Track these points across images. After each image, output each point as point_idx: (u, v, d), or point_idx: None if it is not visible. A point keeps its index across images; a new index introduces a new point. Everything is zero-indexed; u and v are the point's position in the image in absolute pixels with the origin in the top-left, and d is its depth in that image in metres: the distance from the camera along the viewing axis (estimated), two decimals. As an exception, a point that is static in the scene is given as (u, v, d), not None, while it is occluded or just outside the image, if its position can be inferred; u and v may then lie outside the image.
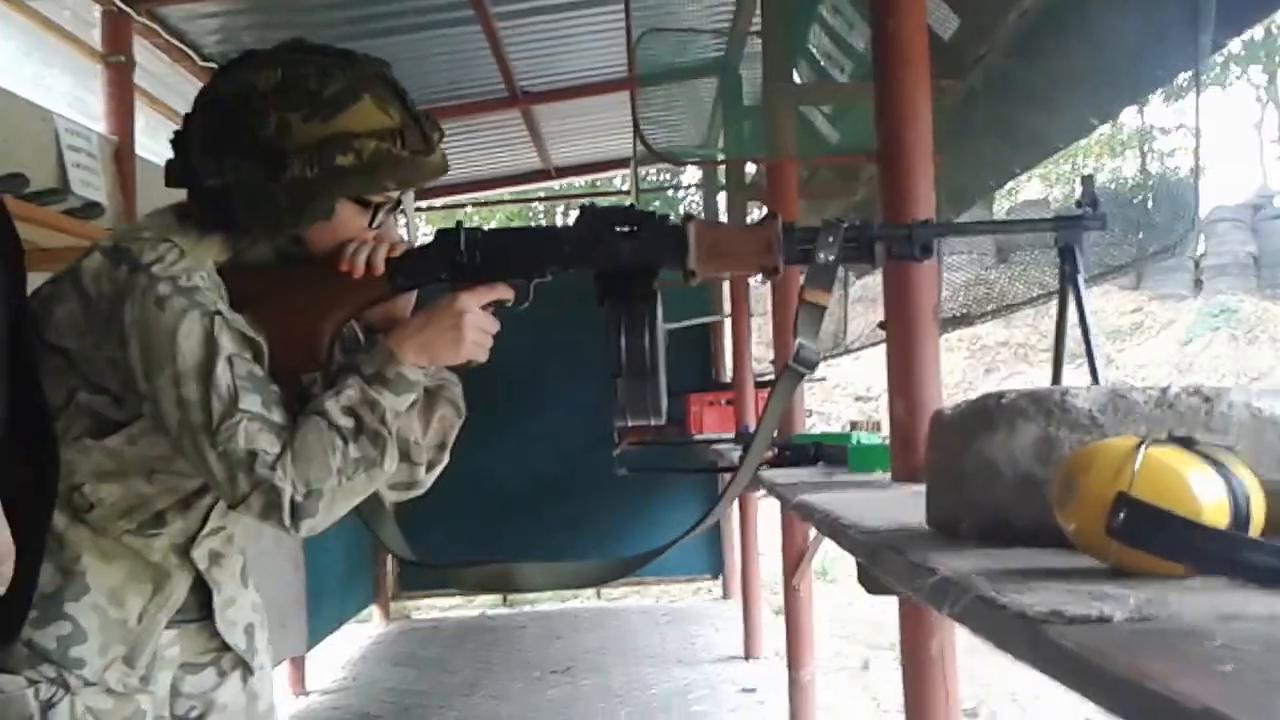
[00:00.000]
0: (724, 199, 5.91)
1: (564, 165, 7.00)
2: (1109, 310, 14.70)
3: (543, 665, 5.05)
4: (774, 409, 1.24)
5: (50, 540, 1.18)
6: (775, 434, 2.35)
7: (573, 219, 1.23)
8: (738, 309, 5.37)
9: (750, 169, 5.05)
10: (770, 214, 1.22)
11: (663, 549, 1.25)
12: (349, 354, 1.26)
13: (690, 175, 14.25)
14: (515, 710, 4.35)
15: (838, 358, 5.19)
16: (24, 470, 1.13)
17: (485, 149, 6.19)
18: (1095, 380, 1.19)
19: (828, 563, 6.87)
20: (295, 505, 1.12)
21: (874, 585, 1.19)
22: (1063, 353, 1.31)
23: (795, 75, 4.04)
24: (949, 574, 0.83)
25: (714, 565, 6.41)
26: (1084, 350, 1.25)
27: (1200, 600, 0.66)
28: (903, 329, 1.72)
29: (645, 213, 1.21)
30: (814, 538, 3.32)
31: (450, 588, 6.05)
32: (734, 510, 5.51)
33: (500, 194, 7.58)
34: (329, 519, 1.16)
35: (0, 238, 1.16)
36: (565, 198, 8.69)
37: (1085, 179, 1.20)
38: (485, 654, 5.42)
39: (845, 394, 13.79)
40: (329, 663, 5.24)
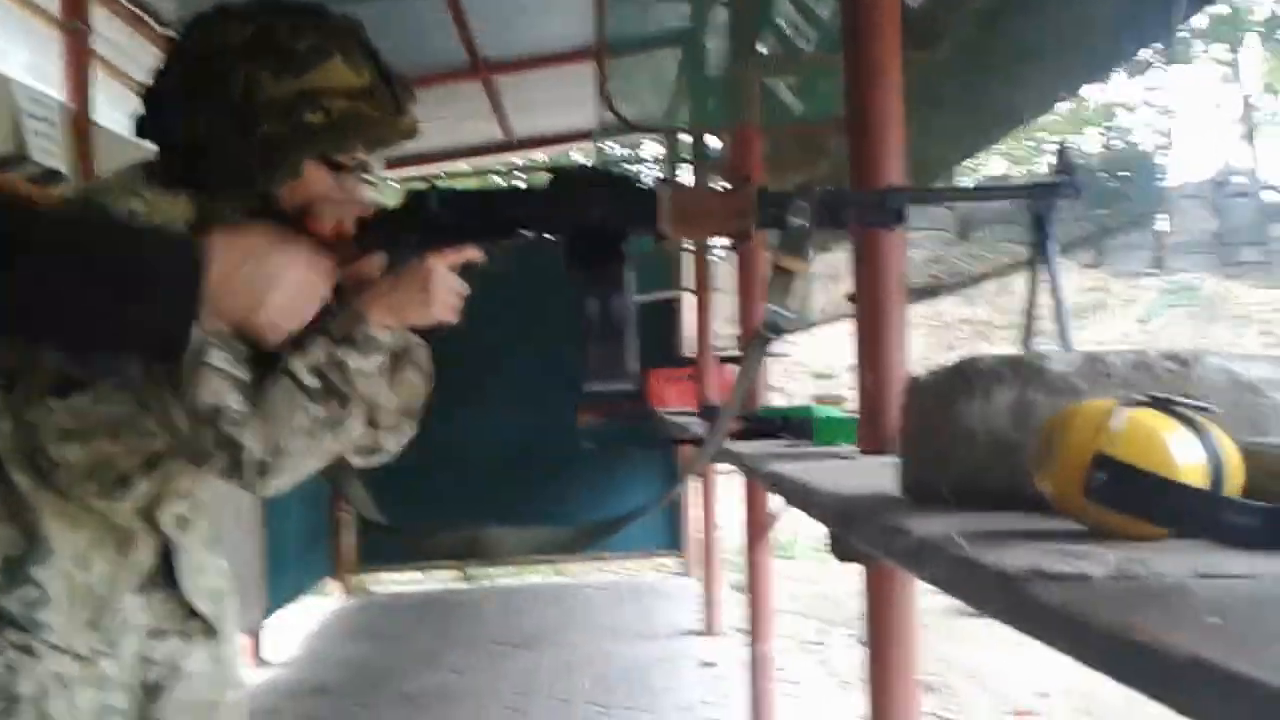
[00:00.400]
0: (688, 173, 5.89)
1: (525, 137, 6.94)
2: (1068, 288, 14.84)
3: (503, 639, 5.05)
4: (744, 377, 1.23)
5: (14, 503, 1.15)
6: (741, 407, 2.35)
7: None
8: (700, 284, 5.36)
9: (715, 144, 5.03)
10: (743, 178, 1.21)
11: (631, 516, 1.25)
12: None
13: (649, 150, 14.22)
14: (474, 683, 4.34)
15: (799, 333, 5.20)
16: None
17: (445, 120, 6.11)
18: (1068, 349, 1.19)
19: (788, 539, 6.92)
20: (260, 464, 1.10)
21: (846, 553, 1.19)
22: (1033, 323, 1.31)
23: (761, 46, 4.02)
24: (925, 535, 0.82)
25: (674, 540, 6.43)
26: (1052, 322, 1.24)
27: (1180, 559, 0.66)
28: (872, 300, 1.71)
29: (618, 174, 1.20)
30: (776, 511, 3.33)
31: (415, 558, 6.03)
32: (694, 485, 5.53)
33: (460, 166, 7.49)
34: (293, 479, 1.14)
35: None
36: (525, 170, 8.63)
37: (1061, 148, 1.20)
38: (445, 628, 5.41)
39: (805, 371, 13.86)
40: (288, 636, 5.20)
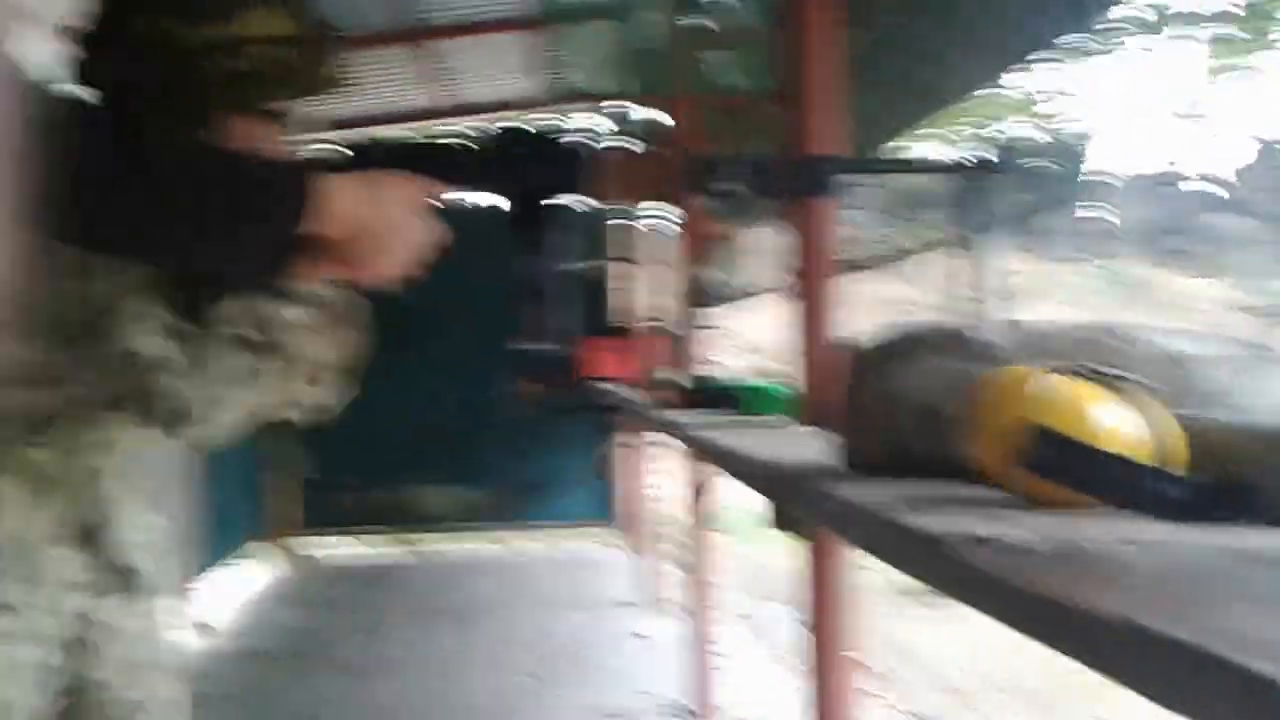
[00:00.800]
0: (624, 143, 5.86)
1: (459, 105, 6.84)
2: (997, 269, 15.11)
3: (440, 610, 5.03)
4: (682, 346, 1.23)
5: None
6: (676, 379, 2.35)
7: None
8: (633, 253, 5.35)
9: (654, 115, 5.01)
10: (676, 144, 1.20)
11: (560, 480, 1.24)
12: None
13: (579, 120, 14.13)
14: (412, 654, 4.32)
15: (727, 305, 5.23)
16: None
17: (376, 85, 5.99)
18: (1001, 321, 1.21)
19: (726, 511, 6.96)
20: (187, 412, 1.07)
21: (785, 523, 1.20)
22: (962, 300, 1.33)
23: (698, 18, 4.01)
24: (857, 501, 0.83)
25: (608, 511, 6.44)
26: (980, 300, 1.26)
27: (1108, 526, 0.67)
28: (809, 272, 1.72)
29: (551, 138, 1.18)
30: (711, 481, 3.35)
31: (354, 522, 5.99)
32: (627, 456, 5.53)
33: (391, 131, 7.37)
34: (219, 430, 1.12)
35: None
36: (459, 138, 8.50)
37: (998, 134, 1.21)
38: (383, 597, 5.39)
39: (735, 345, 13.96)
40: (227, 601, 5.16)
